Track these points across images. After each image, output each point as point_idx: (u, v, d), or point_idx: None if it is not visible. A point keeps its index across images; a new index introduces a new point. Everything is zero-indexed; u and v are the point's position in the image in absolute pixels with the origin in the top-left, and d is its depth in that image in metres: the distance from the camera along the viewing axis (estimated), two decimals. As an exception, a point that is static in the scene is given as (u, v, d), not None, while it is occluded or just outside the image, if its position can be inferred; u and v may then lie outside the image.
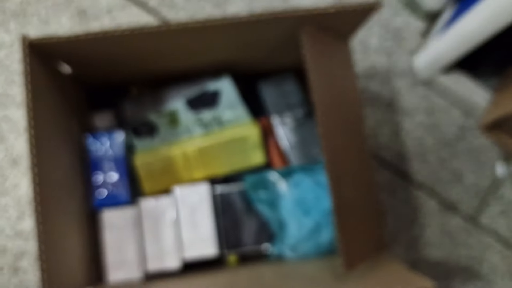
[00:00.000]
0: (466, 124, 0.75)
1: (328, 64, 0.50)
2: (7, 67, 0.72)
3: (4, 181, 0.69)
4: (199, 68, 0.58)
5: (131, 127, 0.59)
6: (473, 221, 0.73)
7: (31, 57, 0.43)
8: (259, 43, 0.53)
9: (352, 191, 0.49)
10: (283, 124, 0.62)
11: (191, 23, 0.43)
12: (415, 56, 0.75)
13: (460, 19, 0.62)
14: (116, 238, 0.55)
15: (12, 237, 0.68)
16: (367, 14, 0.47)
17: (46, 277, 0.40)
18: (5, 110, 0.70)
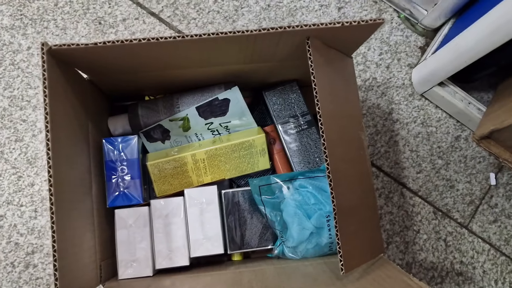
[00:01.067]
0: (460, 134, 0.78)
1: (332, 76, 0.53)
2: (23, 70, 0.74)
3: (19, 180, 0.72)
4: (209, 77, 0.61)
5: (143, 131, 0.62)
6: (466, 228, 0.76)
7: (49, 63, 0.44)
8: (267, 55, 0.55)
9: (352, 197, 0.51)
10: (287, 132, 0.65)
11: (205, 35, 0.46)
12: (413, 69, 0.78)
13: (457, 35, 0.65)
14: (127, 237, 0.57)
15: (24, 234, 0.71)
16: (371, 30, 0.50)
17: (60, 275, 0.41)
18: (22, 112, 0.73)
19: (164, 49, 0.49)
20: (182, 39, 0.46)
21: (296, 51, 0.55)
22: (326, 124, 0.47)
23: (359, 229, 0.52)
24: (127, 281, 0.56)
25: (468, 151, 0.77)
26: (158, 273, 0.59)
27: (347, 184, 0.50)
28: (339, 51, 0.57)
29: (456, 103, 0.74)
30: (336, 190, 0.46)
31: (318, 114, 0.46)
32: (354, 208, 0.51)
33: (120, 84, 0.61)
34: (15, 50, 0.75)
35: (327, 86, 0.50)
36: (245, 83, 0.64)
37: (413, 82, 0.78)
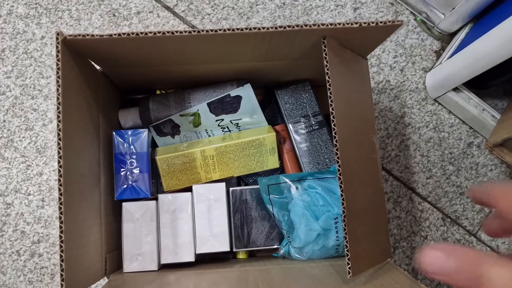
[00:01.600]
0: (473, 141, 0.77)
1: (347, 77, 0.52)
2: (36, 59, 0.75)
3: (27, 169, 0.72)
4: (222, 74, 0.61)
5: (154, 125, 0.61)
6: (475, 236, 0.75)
7: (63, 53, 0.44)
8: (281, 53, 0.55)
9: (362, 199, 0.51)
10: (298, 131, 0.65)
11: (220, 31, 0.45)
12: (428, 73, 0.77)
13: (474, 41, 0.64)
14: (134, 230, 0.57)
15: (31, 223, 0.71)
16: (389, 32, 0.49)
17: (66, 266, 0.41)
18: (33, 101, 0.73)
19: (178, 43, 0.49)
20: (197, 34, 0.45)
21: (310, 50, 0.54)
22: (339, 125, 0.46)
23: (368, 232, 0.51)
24: (132, 274, 0.56)
25: (480, 158, 0.76)
26: (163, 267, 0.59)
27: (358, 187, 0.50)
28: (355, 52, 0.56)
29: (470, 109, 0.72)
30: (346, 192, 0.45)
31: (332, 114, 0.46)
32: (363, 211, 0.50)
33: (132, 76, 0.60)
34: (28, 39, 0.75)
35: (341, 87, 0.50)
36: (257, 81, 0.63)
37: (427, 87, 0.77)
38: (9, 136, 0.72)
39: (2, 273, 0.69)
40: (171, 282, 0.52)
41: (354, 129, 0.52)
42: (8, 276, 0.69)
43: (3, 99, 0.73)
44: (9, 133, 0.72)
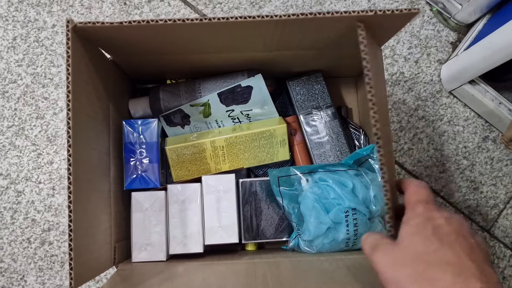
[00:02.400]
0: (488, 135, 0.75)
1: (374, 65, 0.51)
2: (47, 47, 0.74)
3: (38, 157, 0.72)
4: (233, 63, 0.60)
5: (164, 115, 0.61)
6: (488, 232, 0.74)
7: (74, 40, 0.44)
8: (293, 43, 0.54)
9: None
10: (309, 123, 0.64)
11: (232, 19, 0.44)
12: (443, 65, 0.75)
13: (492, 32, 0.63)
14: (143, 220, 0.57)
15: (41, 211, 0.71)
16: (404, 21, 0.48)
17: (75, 255, 0.41)
18: (44, 89, 0.73)
19: (189, 31, 0.48)
20: (208, 21, 0.44)
21: (323, 40, 0.53)
22: (379, 120, 0.43)
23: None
24: (140, 264, 0.56)
25: (496, 153, 0.75)
26: (171, 258, 0.59)
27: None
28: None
29: (486, 103, 0.71)
30: (391, 190, 0.42)
31: (371, 101, 0.43)
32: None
33: (143, 65, 0.60)
34: (40, 27, 0.75)
35: (376, 77, 0.48)
36: (269, 71, 0.62)
37: (442, 79, 0.75)
38: (20, 125, 0.72)
39: (13, 260, 0.70)
40: (179, 273, 0.52)
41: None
42: (19, 263, 0.70)
43: (14, 87, 0.73)
44: (20, 121, 0.72)
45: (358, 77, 0.71)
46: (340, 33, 0.51)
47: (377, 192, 0.57)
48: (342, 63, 0.64)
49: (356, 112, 0.71)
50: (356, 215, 0.56)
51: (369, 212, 0.57)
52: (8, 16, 0.74)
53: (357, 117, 0.71)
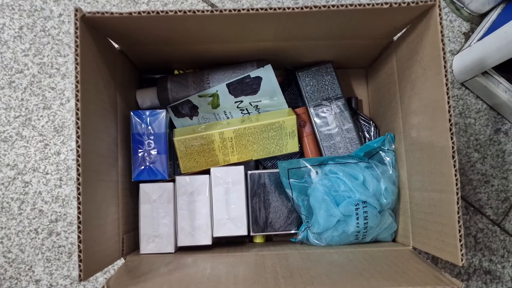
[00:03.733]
0: (500, 128, 0.74)
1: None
2: (53, 37, 0.74)
3: (45, 147, 0.72)
4: (242, 53, 0.59)
5: (172, 106, 0.60)
6: (499, 225, 0.73)
7: (82, 30, 0.43)
8: (304, 33, 0.53)
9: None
10: (319, 114, 0.63)
11: (244, 11, 0.44)
12: (455, 56, 0.74)
13: (507, 22, 0.61)
14: (151, 212, 0.57)
15: (48, 202, 0.71)
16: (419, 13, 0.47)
17: (84, 247, 0.41)
18: (50, 79, 0.73)
19: (198, 22, 0.47)
20: (219, 13, 0.44)
21: (333, 31, 0.52)
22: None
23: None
24: (148, 256, 0.56)
25: (507, 145, 0.73)
26: (179, 250, 0.58)
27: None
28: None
29: (499, 94, 0.69)
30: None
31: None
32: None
33: (151, 55, 0.59)
34: (46, 17, 0.74)
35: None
36: (278, 61, 0.62)
37: (453, 70, 0.74)
38: (27, 115, 0.72)
39: (21, 250, 0.70)
40: (188, 264, 0.52)
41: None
42: (26, 254, 0.70)
43: (21, 77, 0.72)
44: (27, 111, 0.72)
45: (368, 68, 0.70)
46: (352, 24, 0.50)
47: (388, 185, 0.56)
48: (352, 53, 0.63)
49: (366, 103, 0.70)
50: (366, 208, 0.55)
51: (380, 205, 0.56)
52: (14, 5, 0.73)
53: (367, 108, 0.70)
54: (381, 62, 0.62)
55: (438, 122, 0.45)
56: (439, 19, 0.43)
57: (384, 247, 0.57)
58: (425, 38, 0.46)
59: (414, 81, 0.51)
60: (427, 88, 0.47)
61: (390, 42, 0.58)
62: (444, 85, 0.43)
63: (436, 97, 0.44)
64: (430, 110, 0.47)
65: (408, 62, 0.52)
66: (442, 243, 0.46)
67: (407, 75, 0.53)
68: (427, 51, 0.46)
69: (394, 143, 0.59)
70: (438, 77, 0.44)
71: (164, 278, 0.47)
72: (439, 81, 0.43)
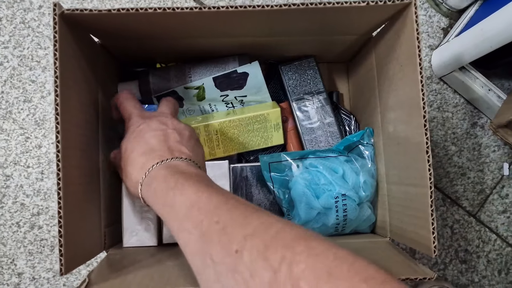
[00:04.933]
0: (477, 122, 0.76)
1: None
2: (33, 29, 0.73)
3: (26, 141, 0.71)
4: (224, 47, 0.59)
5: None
6: (474, 216, 0.75)
7: (61, 26, 0.43)
8: (285, 30, 0.53)
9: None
10: (301, 108, 0.64)
11: (223, 8, 0.44)
12: (434, 51, 0.75)
13: (484, 19, 0.63)
14: (133, 205, 0.57)
15: (30, 195, 0.71)
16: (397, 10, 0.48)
17: (65, 241, 0.41)
18: (31, 72, 0.72)
19: (179, 19, 0.47)
20: (199, 11, 0.44)
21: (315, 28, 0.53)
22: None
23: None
24: (131, 249, 0.56)
25: (483, 139, 0.76)
26: (162, 243, 0.59)
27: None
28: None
29: (476, 89, 0.71)
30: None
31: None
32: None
33: (132, 49, 0.59)
34: (26, 8, 0.73)
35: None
36: (260, 56, 0.62)
37: (432, 65, 0.75)
38: (7, 108, 0.71)
39: (3, 244, 0.70)
40: (171, 257, 0.53)
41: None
42: (8, 247, 0.70)
43: (1, 70, 0.72)
44: (8, 104, 0.71)
45: (349, 62, 0.71)
46: (331, 21, 0.51)
47: (367, 178, 0.58)
48: (334, 49, 0.63)
49: (347, 97, 0.71)
50: (346, 201, 0.56)
51: (359, 198, 0.57)
52: (-7, -4, 0.72)
53: (348, 102, 0.71)
54: (361, 58, 0.63)
55: (413, 118, 0.46)
56: (414, 17, 0.44)
57: (362, 238, 0.58)
58: (402, 36, 0.47)
59: (391, 77, 0.52)
60: (403, 84, 0.48)
61: (369, 38, 0.59)
62: (419, 82, 0.44)
63: (412, 93, 0.46)
64: (406, 106, 0.48)
65: (386, 58, 0.53)
66: (417, 236, 0.47)
67: (385, 71, 0.54)
68: (403, 48, 0.47)
69: (373, 137, 0.60)
70: (414, 74, 0.45)
71: (146, 271, 0.48)
72: (415, 78, 0.45)
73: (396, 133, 0.52)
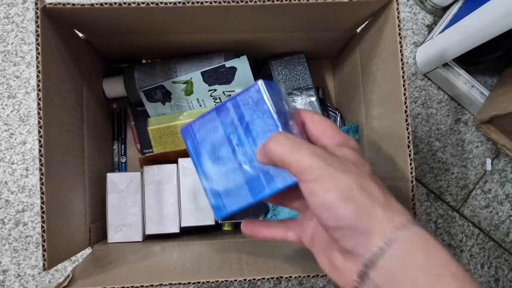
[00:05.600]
0: (460, 118, 0.77)
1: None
2: (17, 24, 0.72)
3: (11, 137, 0.71)
4: (211, 43, 0.59)
5: (144, 90, 0.60)
6: (458, 211, 0.76)
7: (43, 20, 0.43)
8: (272, 26, 0.53)
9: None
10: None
11: (207, 3, 0.44)
12: (418, 48, 0.76)
13: (467, 16, 0.63)
14: (118, 201, 0.57)
15: (15, 192, 0.70)
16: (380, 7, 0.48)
17: (47, 236, 0.41)
18: (15, 67, 0.71)
19: (164, 14, 0.47)
20: (183, 5, 0.44)
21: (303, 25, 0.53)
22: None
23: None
24: (116, 244, 0.56)
25: (467, 135, 0.77)
26: (147, 238, 0.59)
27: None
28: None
29: (459, 86, 0.72)
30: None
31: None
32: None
33: (118, 45, 0.59)
34: (9, 3, 0.72)
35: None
36: (247, 52, 0.62)
37: (417, 61, 0.76)
38: (-9, 104, 0.70)
39: (-13, 241, 0.69)
40: (156, 252, 0.53)
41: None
42: (-8, 245, 0.69)
43: (-16, 65, 0.71)
44: (-9, 100, 0.70)
45: (335, 59, 0.71)
46: (317, 17, 0.51)
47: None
48: (319, 45, 0.64)
49: (332, 93, 0.72)
50: (330, 196, 0.57)
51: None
52: (-24, -10, 0.71)
53: (334, 98, 0.72)
54: (346, 54, 0.64)
55: (396, 113, 0.46)
56: (396, 13, 0.44)
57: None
58: (384, 32, 0.48)
59: (375, 73, 0.52)
60: (386, 80, 0.49)
61: (353, 35, 0.59)
62: (401, 77, 0.44)
63: (394, 88, 0.46)
64: (389, 101, 0.49)
65: (369, 54, 0.53)
66: (399, 229, 0.48)
67: (369, 67, 0.54)
68: (386, 44, 0.48)
69: (357, 133, 0.61)
70: (396, 69, 0.45)
71: (130, 266, 0.48)
72: (397, 73, 0.45)
73: (380, 128, 0.53)
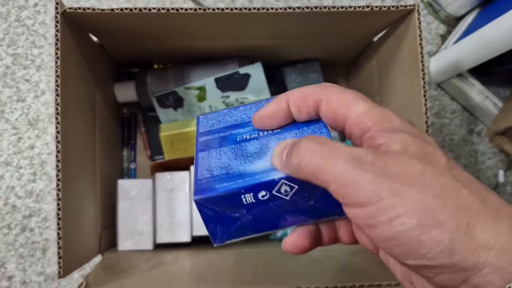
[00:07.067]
0: (473, 128, 0.76)
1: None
2: (28, 27, 0.72)
3: (19, 141, 0.70)
4: (225, 51, 0.59)
5: (157, 96, 0.59)
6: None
7: (62, 25, 0.42)
8: (288, 32, 0.53)
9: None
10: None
11: (227, 10, 0.43)
12: (432, 57, 0.76)
13: (483, 26, 0.63)
14: (129, 208, 0.56)
15: (22, 197, 0.69)
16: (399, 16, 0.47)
17: (63, 243, 0.40)
18: (25, 71, 0.71)
19: (182, 20, 0.47)
20: (203, 12, 0.43)
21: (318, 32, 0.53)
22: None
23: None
24: (126, 252, 0.55)
25: (480, 146, 0.76)
26: (158, 247, 0.58)
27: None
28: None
29: (473, 96, 0.72)
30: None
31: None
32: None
33: (131, 49, 0.58)
34: (21, 6, 0.72)
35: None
36: (261, 59, 0.62)
37: (430, 71, 0.76)
38: (0, 107, 0.70)
39: (-7, 246, 0.68)
40: (168, 261, 0.52)
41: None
42: (-2, 250, 0.68)
43: (-6, 68, 0.70)
44: (0, 104, 0.70)
45: (349, 66, 0.71)
46: (335, 25, 0.51)
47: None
48: (335, 52, 0.63)
49: (345, 102, 0.71)
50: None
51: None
52: (-13, -7, 0.71)
53: (346, 107, 0.71)
54: (362, 62, 0.63)
55: (415, 123, 0.46)
56: (417, 23, 0.44)
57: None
58: (404, 41, 0.47)
59: (393, 82, 0.52)
60: (405, 90, 0.48)
61: (370, 43, 0.59)
62: (421, 88, 0.44)
63: (414, 98, 0.45)
64: (408, 111, 0.48)
65: (388, 63, 0.53)
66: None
67: (386, 76, 0.54)
68: (406, 53, 0.47)
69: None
70: (416, 79, 0.45)
71: (143, 274, 0.47)
72: (416, 83, 0.44)
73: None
